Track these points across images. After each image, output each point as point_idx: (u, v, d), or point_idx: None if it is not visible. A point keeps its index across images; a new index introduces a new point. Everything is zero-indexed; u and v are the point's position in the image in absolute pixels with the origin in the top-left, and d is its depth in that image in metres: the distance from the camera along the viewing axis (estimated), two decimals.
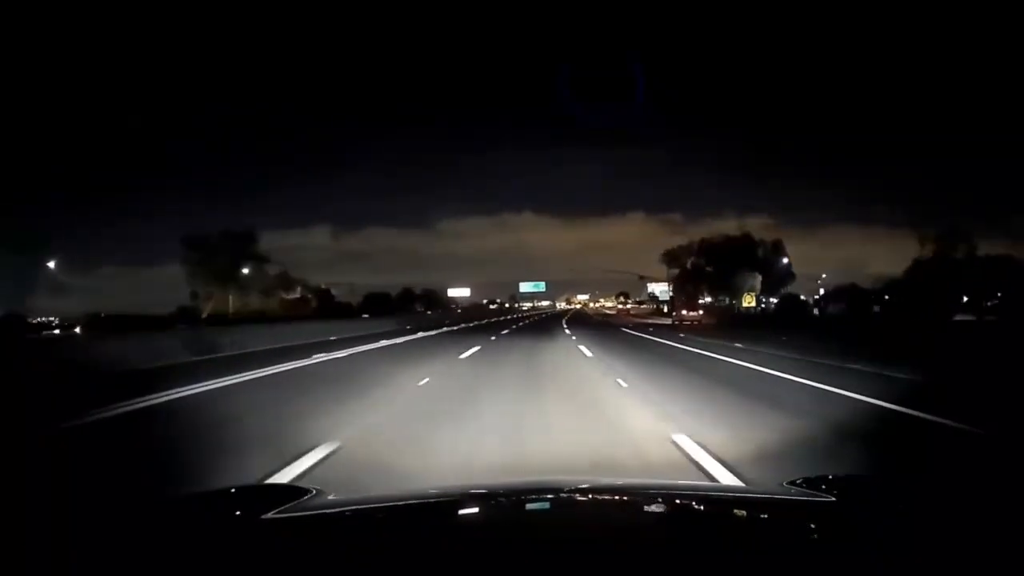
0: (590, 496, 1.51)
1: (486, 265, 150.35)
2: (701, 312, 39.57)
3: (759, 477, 3.44)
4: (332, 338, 17.62)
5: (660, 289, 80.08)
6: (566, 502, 1.41)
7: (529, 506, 1.40)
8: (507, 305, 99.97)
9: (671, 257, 64.33)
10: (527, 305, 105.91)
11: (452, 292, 74.90)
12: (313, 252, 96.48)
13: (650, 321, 41.79)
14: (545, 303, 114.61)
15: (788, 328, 23.44)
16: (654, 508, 1.41)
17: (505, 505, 1.43)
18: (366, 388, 7.63)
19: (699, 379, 8.66)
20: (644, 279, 77.91)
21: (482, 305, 79.36)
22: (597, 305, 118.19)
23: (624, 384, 7.77)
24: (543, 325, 33.01)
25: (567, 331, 24.22)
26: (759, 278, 55.67)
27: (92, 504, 2.58)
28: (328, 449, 4.15)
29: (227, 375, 8.71)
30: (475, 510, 1.40)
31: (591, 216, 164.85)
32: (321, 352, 12.80)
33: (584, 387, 7.77)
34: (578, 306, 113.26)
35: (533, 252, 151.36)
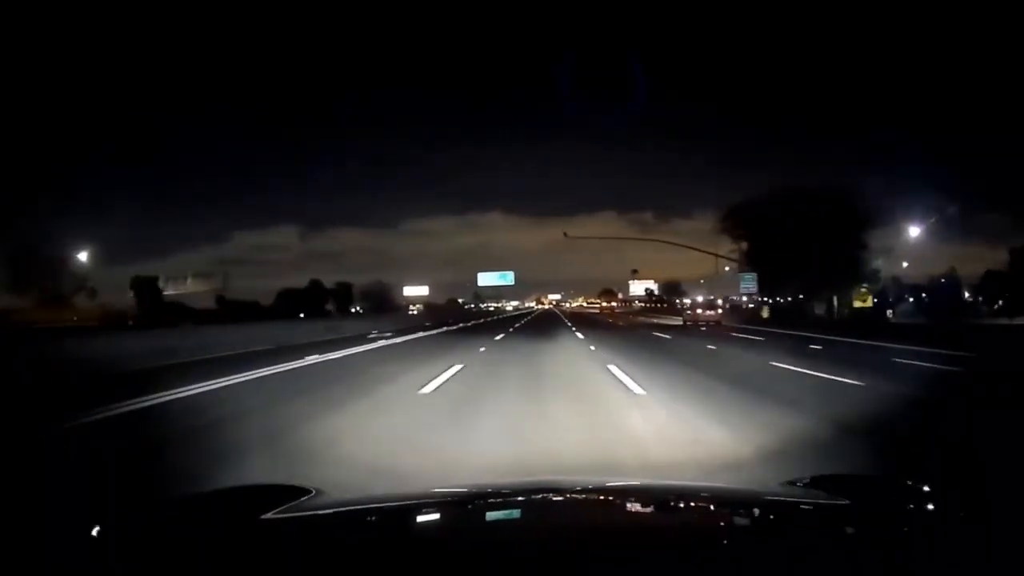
0: (591, 496, 1.51)
1: (452, 264, 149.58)
2: (720, 311, 31.94)
3: None
4: None
5: (651, 285, 78.61)
6: (567, 502, 1.42)
7: (530, 506, 1.40)
8: (472, 307, 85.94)
9: (737, 220, 36.74)
10: (492, 306, 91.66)
11: (408, 291, 67.19)
12: (280, 252, 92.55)
13: (657, 321, 34.81)
14: (513, 303, 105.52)
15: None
16: (656, 509, 1.42)
17: (506, 505, 1.45)
18: None
19: None
20: (636, 273, 76.43)
21: (399, 308, 60.98)
22: (576, 305, 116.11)
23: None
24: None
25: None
26: (881, 263, 34.50)
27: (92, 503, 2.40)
28: None
29: None
30: (475, 510, 1.41)
31: (561, 215, 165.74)
32: None
33: None
34: (549, 306, 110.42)
35: (501, 251, 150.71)
